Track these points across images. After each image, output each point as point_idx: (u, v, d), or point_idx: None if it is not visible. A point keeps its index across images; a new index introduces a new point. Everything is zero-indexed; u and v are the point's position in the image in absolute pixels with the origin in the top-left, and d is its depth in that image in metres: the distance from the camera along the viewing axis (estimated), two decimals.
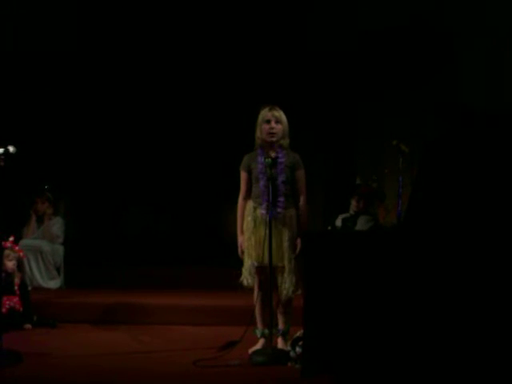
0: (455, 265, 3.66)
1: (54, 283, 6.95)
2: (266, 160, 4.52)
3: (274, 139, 4.61)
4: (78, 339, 5.27)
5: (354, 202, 6.88)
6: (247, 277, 4.62)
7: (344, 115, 8.32)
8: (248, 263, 4.62)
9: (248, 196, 4.68)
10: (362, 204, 6.85)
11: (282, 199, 4.55)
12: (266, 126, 4.61)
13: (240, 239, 4.67)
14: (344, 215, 6.90)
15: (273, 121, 4.60)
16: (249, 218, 4.62)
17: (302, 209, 4.64)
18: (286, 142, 4.65)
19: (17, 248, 5.96)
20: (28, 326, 5.61)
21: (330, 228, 6.88)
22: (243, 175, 4.70)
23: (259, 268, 4.58)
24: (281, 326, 4.65)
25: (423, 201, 3.83)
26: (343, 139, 8.42)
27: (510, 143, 3.73)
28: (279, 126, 4.61)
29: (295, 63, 8.15)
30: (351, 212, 6.87)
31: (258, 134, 4.65)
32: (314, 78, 8.20)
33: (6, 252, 5.73)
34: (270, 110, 4.63)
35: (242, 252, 4.66)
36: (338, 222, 6.89)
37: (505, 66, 7.24)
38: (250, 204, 4.64)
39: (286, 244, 4.54)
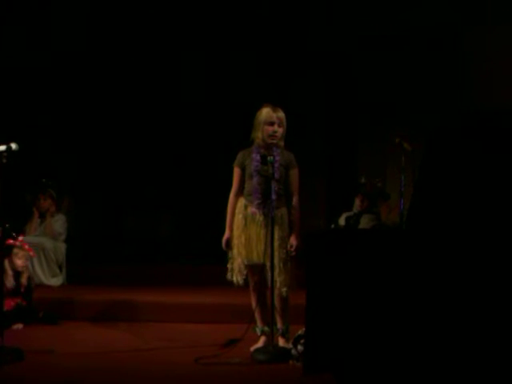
0: (458, 265, 3.66)
1: (55, 280, 6.95)
2: (269, 158, 4.50)
3: (275, 141, 4.58)
4: (79, 336, 5.28)
5: (357, 201, 6.87)
6: (236, 274, 4.61)
7: (346, 113, 8.32)
8: (238, 261, 4.60)
9: (240, 193, 4.66)
10: (366, 203, 6.84)
11: (274, 197, 4.52)
12: (268, 128, 4.56)
13: (227, 234, 4.65)
14: (348, 214, 6.90)
15: (276, 123, 4.56)
16: (240, 216, 4.61)
17: (294, 208, 4.61)
18: (282, 142, 4.63)
19: (27, 246, 5.87)
20: (19, 325, 5.54)
21: (333, 226, 6.88)
22: (236, 171, 4.67)
23: (250, 266, 4.58)
24: (279, 325, 4.63)
25: (426, 200, 3.82)
26: (345, 137, 8.41)
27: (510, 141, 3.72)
28: (281, 129, 4.58)
29: (296, 62, 8.15)
30: (355, 211, 6.86)
31: (257, 133, 4.59)
32: (315, 76, 8.19)
33: (15, 250, 5.72)
34: (274, 111, 4.57)
35: (226, 247, 4.65)
36: (342, 221, 6.89)
37: (506, 66, 7.24)
38: (242, 201, 4.63)
39: (276, 243, 4.50)
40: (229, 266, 4.66)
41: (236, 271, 4.61)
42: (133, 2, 8.35)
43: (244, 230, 4.58)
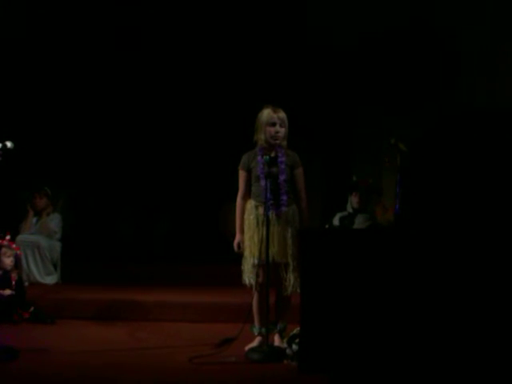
0: (449, 262, 3.67)
1: (50, 279, 6.94)
2: (265, 157, 4.52)
3: (278, 142, 4.60)
4: (74, 335, 5.27)
5: (354, 198, 6.83)
6: (250, 276, 4.60)
7: (343, 113, 8.31)
8: (250, 262, 4.59)
9: (247, 195, 4.67)
10: (363, 199, 6.81)
11: (285, 197, 4.56)
12: (271, 129, 4.58)
13: (238, 237, 4.66)
14: (342, 214, 6.89)
15: (278, 124, 4.58)
16: (251, 217, 4.61)
17: (303, 206, 4.65)
18: (285, 142, 4.65)
19: (14, 245, 6.00)
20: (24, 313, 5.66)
21: (327, 226, 6.86)
22: (242, 174, 4.68)
23: (260, 266, 4.57)
24: (278, 323, 4.64)
25: (415, 198, 3.84)
26: (341, 137, 8.41)
27: (498, 139, 3.75)
28: (283, 129, 4.60)
29: (294, 61, 8.15)
30: (349, 210, 6.85)
31: (260, 135, 4.61)
32: (313, 76, 8.19)
33: (4, 250, 5.81)
34: (275, 112, 4.60)
35: (238, 249, 4.65)
36: (336, 221, 6.88)
37: (506, 66, 7.24)
38: (252, 203, 4.63)
39: (289, 241, 4.54)
40: (242, 267, 4.65)
41: (249, 272, 4.60)
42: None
43: (256, 230, 4.57)
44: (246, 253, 4.61)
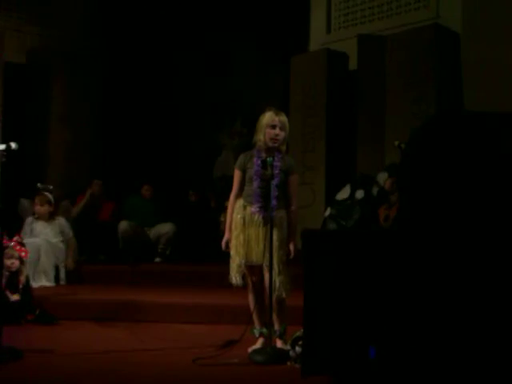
0: (448, 265, 3.67)
1: (53, 280, 6.94)
2: (268, 159, 4.52)
3: (276, 145, 4.60)
4: (77, 336, 5.28)
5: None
6: (235, 275, 4.62)
7: (345, 112, 8.32)
8: (236, 262, 4.62)
9: (240, 195, 4.69)
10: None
11: (274, 202, 4.55)
12: (270, 131, 4.58)
13: (227, 236, 4.68)
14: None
15: (278, 127, 4.59)
16: (238, 216, 4.62)
17: (292, 212, 4.65)
18: (283, 147, 4.66)
19: (18, 248, 5.90)
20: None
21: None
22: (237, 174, 4.70)
23: (248, 267, 4.60)
24: (276, 326, 4.62)
25: (412, 201, 3.84)
26: (344, 136, 8.41)
27: (493, 141, 3.74)
28: (283, 133, 4.60)
29: (296, 60, 8.15)
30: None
31: (260, 136, 4.62)
32: (314, 75, 8.19)
33: (6, 250, 5.74)
34: (277, 115, 4.61)
35: (226, 247, 4.68)
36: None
37: (506, 67, 7.25)
38: (240, 202, 4.65)
39: (275, 244, 4.52)
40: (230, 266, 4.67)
41: (234, 271, 4.62)
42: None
43: (243, 230, 4.59)
44: (233, 252, 4.64)
